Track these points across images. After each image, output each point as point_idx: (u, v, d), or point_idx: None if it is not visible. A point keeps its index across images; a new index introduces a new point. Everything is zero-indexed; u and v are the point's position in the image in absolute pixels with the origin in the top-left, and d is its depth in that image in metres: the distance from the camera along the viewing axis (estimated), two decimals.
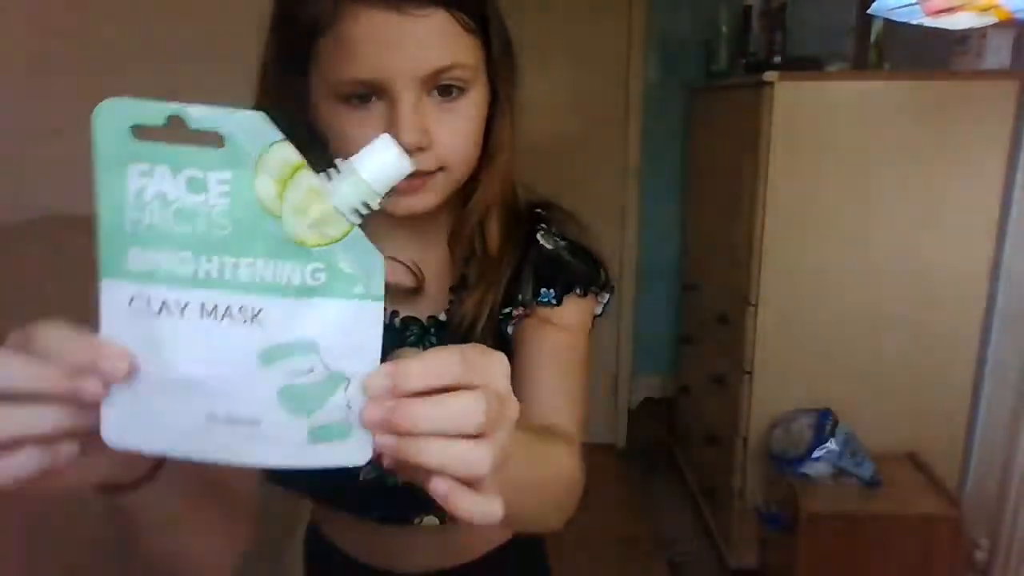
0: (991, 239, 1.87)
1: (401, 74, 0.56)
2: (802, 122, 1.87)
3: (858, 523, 1.73)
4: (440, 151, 0.59)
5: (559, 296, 0.69)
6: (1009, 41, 1.79)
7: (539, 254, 0.70)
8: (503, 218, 0.69)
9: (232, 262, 0.32)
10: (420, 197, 0.61)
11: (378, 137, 0.36)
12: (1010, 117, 1.80)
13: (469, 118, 0.62)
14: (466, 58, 0.59)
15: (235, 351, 0.33)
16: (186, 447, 0.35)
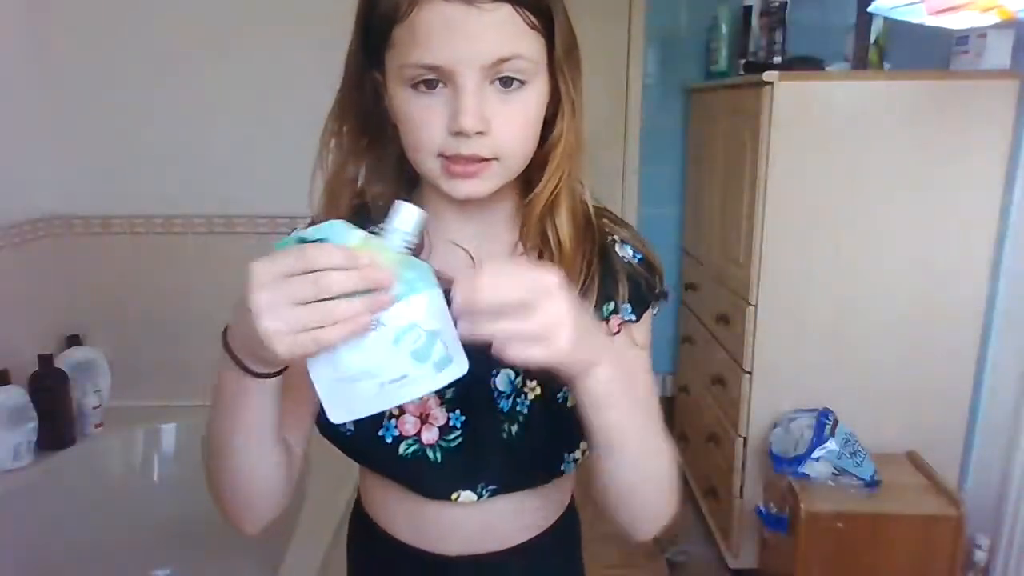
0: (991, 239, 1.87)
1: (465, 61, 0.61)
2: (802, 122, 1.87)
3: (858, 523, 1.73)
4: (497, 139, 0.63)
5: (638, 313, 0.73)
6: (1009, 41, 1.79)
7: (618, 266, 0.72)
8: (574, 216, 0.71)
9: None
10: (475, 183, 0.65)
11: (394, 203, 0.56)
12: (1010, 117, 1.80)
13: (526, 111, 0.65)
14: (527, 52, 0.63)
15: (377, 345, 0.54)
16: (376, 406, 0.57)
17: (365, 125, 0.72)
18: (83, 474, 1.77)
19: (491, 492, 0.73)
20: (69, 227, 1.92)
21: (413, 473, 0.73)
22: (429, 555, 0.78)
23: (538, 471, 0.75)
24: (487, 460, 0.71)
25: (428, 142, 0.64)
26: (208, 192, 1.92)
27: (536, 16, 0.63)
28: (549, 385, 0.72)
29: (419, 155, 0.66)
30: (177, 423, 1.93)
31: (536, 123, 0.67)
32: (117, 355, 1.97)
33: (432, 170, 0.66)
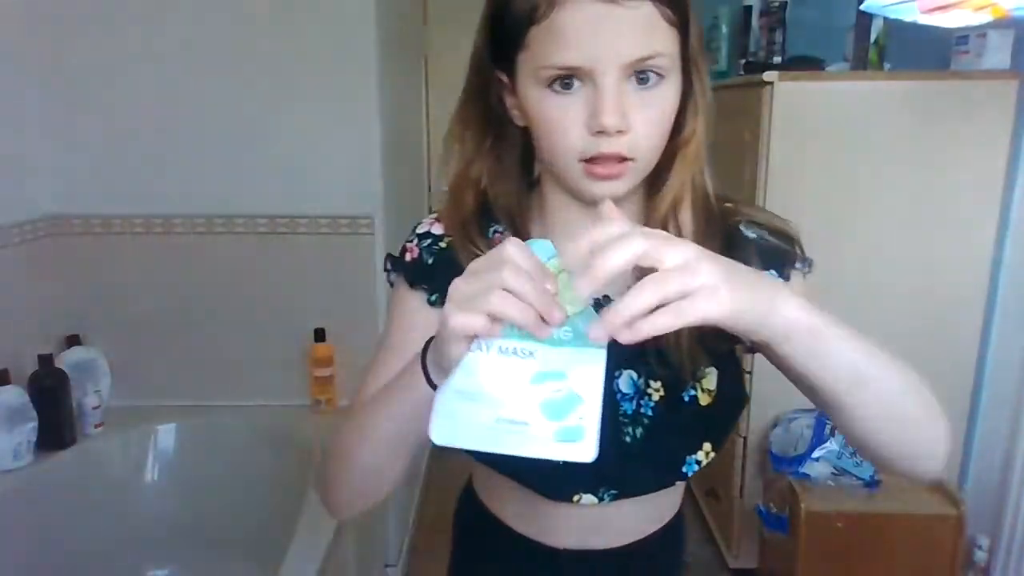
0: (991, 238, 1.87)
1: (607, 60, 0.60)
2: (802, 122, 1.87)
3: (858, 523, 1.73)
4: (635, 137, 0.63)
5: (785, 275, 0.72)
6: (1009, 41, 1.79)
7: (747, 247, 0.71)
8: (698, 210, 0.70)
9: None
10: (615, 184, 0.64)
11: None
12: (1010, 117, 1.80)
13: (663, 107, 0.65)
14: (666, 48, 0.62)
15: (516, 375, 0.51)
16: (480, 442, 0.52)
17: (488, 126, 0.72)
18: (83, 474, 1.77)
19: (612, 496, 0.72)
20: (69, 227, 1.91)
21: (534, 474, 0.72)
22: (537, 544, 0.78)
23: (661, 475, 0.74)
24: (609, 464, 0.68)
25: (568, 145, 0.63)
26: (208, 192, 1.92)
27: (674, 11, 0.62)
28: (673, 385, 0.71)
29: (558, 158, 0.65)
30: (177, 423, 1.93)
31: (670, 120, 0.66)
32: (117, 355, 1.97)
33: (572, 173, 0.65)
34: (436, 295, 0.72)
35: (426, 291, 0.73)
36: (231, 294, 1.97)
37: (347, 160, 1.91)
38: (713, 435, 0.72)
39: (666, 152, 0.68)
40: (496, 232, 0.74)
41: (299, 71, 1.86)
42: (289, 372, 1.99)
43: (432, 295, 0.73)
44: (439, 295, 0.72)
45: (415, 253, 0.75)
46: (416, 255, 0.75)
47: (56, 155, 1.88)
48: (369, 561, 1.90)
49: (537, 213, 0.75)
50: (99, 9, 1.83)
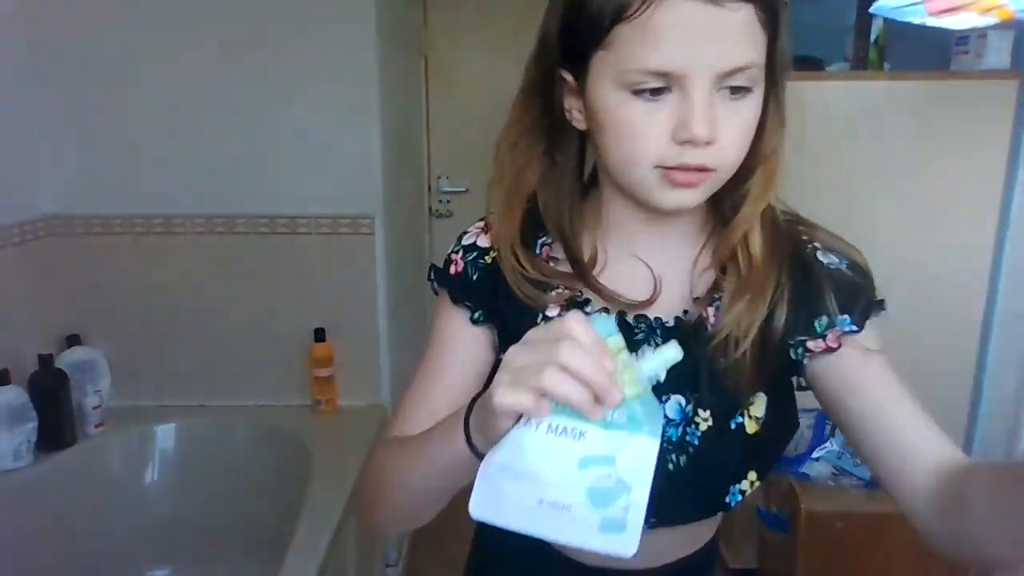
0: (991, 239, 1.87)
1: (704, 68, 0.56)
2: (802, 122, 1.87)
3: (858, 523, 1.73)
4: (721, 149, 0.59)
5: (859, 322, 0.68)
6: (1009, 41, 1.79)
7: (822, 276, 0.68)
8: (767, 232, 0.68)
9: None
10: (692, 193, 0.61)
11: (668, 344, 0.50)
12: (1010, 117, 1.80)
13: (750, 120, 0.61)
14: (760, 58, 0.59)
15: (564, 457, 0.49)
16: (521, 523, 0.51)
17: (546, 129, 0.68)
18: (83, 474, 1.77)
19: (651, 525, 0.66)
20: (69, 227, 1.91)
21: None
22: (566, 560, 0.74)
23: (704, 505, 0.71)
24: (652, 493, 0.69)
25: (648, 151, 0.59)
26: (208, 192, 1.92)
27: (769, 15, 0.58)
28: (722, 414, 0.68)
29: (632, 165, 0.61)
30: (177, 423, 1.93)
31: (753, 132, 0.63)
32: (117, 355, 1.97)
33: (645, 180, 0.61)
34: (480, 312, 0.70)
35: (469, 308, 0.71)
36: (231, 294, 1.97)
37: (347, 160, 1.91)
38: (758, 463, 0.69)
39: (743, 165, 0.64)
40: (544, 245, 0.71)
41: (299, 71, 1.86)
42: (289, 372, 1.99)
43: (475, 313, 0.70)
44: (482, 312, 0.70)
45: (460, 267, 0.72)
46: (460, 269, 0.71)
47: (56, 155, 1.88)
48: (369, 561, 1.90)
49: (590, 222, 0.71)
50: (99, 9, 1.83)
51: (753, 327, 0.65)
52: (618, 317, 0.67)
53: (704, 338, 0.66)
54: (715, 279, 0.68)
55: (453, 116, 3.08)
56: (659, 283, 0.68)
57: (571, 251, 0.68)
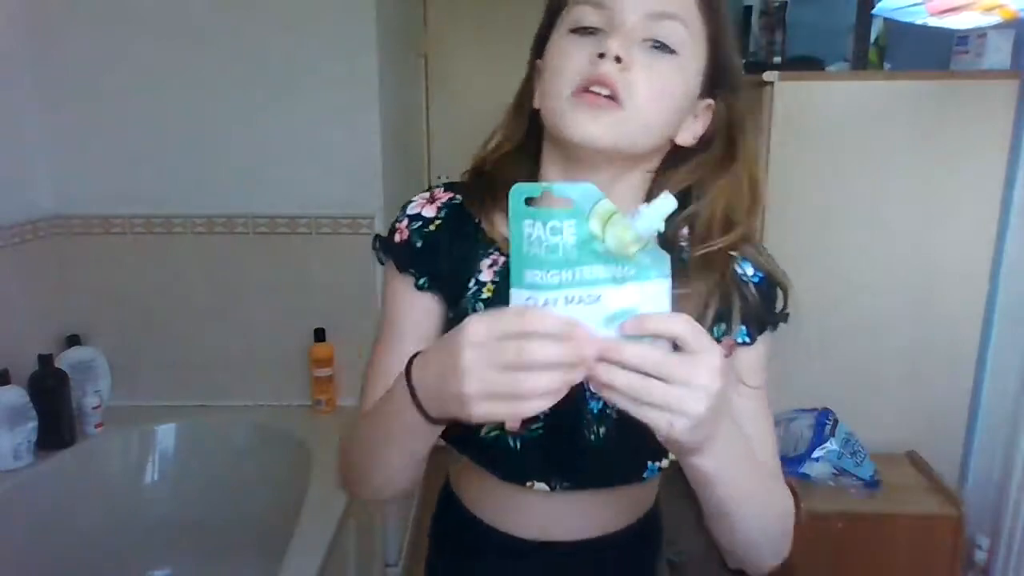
0: (991, 239, 1.87)
1: (631, 3, 0.64)
2: (802, 122, 1.87)
3: (858, 523, 1.73)
4: (631, 81, 0.63)
5: (753, 336, 0.72)
6: (1009, 41, 1.79)
7: (734, 285, 0.70)
8: (736, 234, 0.69)
9: (581, 270, 0.51)
10: (596, 122, 0.64)
11: (662, 195, 0.52)
12: (1010, 117, 1.80)
13: (669, 77, 0.65)
14: (688, 20, 0.65)
15: (588, 320, 0.52)
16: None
17: (525, 117, 0.74)
18: (83, 474, 1.77)
19: (565, 488, 0.73)
20: (69, 227, 1.91)
21: (492, 456, 0.73)
22: (506, 536, 0.79)
23: (618, 475, 0.74)
24: (566, 457, 0.69)
25: (569, 71, 0.64)
26: (208, 192, 1.92)
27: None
28: None
29: (554, 90, 0.66)
30: (177, 423, 1.93)
31: (672, 99, 0.66)
32: (117, 355, 1.97)
33: (559, 108, 0.65)
34: (424, 279, 0.73)
35: (414, 275, 0.73)
36: (231, 294, 1.97)
37: (347, 160, 1.91)
38: None
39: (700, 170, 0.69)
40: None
41: (300, 72, 1.86)
42: (289, 372, 1.99)
43: (420, 279, 0.73)
44: (427, 279, 0.73)
45: (405, 235, 0.74)
46: (406, 237, 0.74)
47: (56, 155, 1.88)
48: (369, 561, 1.90)
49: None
50: (99, 10, 1.83)
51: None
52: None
53: None
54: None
55: (453, 116, 3.08)
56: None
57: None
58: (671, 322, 0.50)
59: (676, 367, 0.50)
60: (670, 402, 0.50)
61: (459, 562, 0.86)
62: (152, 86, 1.87)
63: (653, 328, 0.50)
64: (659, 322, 0.50)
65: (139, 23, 1.84)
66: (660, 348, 0.51)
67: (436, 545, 0.90)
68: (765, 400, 0.74)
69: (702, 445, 0.55)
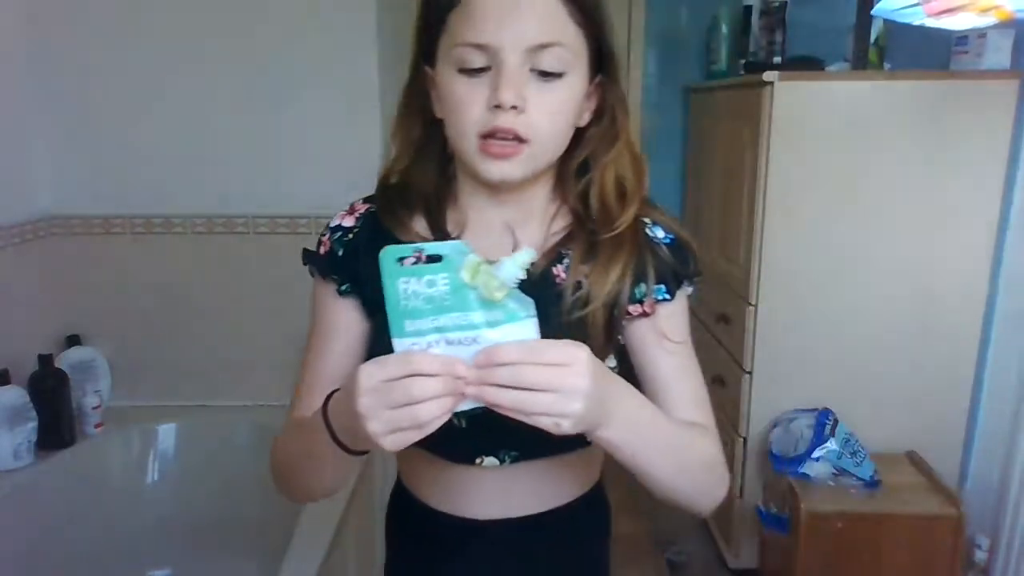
0: (991, 239, 1.87)
1: (511, 41, 0.66)
2: (802, 122, 1.87)
3: (858, 523, 1.73)
4: (531, 120, 0.67)
5: (672, 291, 0.77)
6: (1009, 41, 1.79)
7: (648, 248, 0.76)
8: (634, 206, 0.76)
9: (457, 316, 0.58)
10: (508, 165, 0.69)
11: (522, 250, 0.60)
12: (1010, 117, 1.80)
13: (562, 101, 0.69)
14: (567, 41, 0.68)
15: (468, 359, 0.58)
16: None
17: (418, 118, 0.78)
18: (83, 474, 1.77)
19: (513, 458, 0.77)
20: (69, 227, 1.91)
21: (439, 438, 0.74)
22: (458, 519, 0.82)
23: (560, 441, 0.77)
24: (510, 428, 0.73)
25: (469, 120, 0.68)
26: (208, 192, 1.92)
27: (580, 12, 0.68)
28: None
29: (460, 135, 0.70)
30: (177, 423, 1.93)
31: (568, 115, 0.71)
32: (117, 355, 1.97)
33: (470, 151, 0.69)
34: (346, 285, 0.77)
35: (336, 281, 0.78)
36: (231, 294, 1.97)
37: (347, 160, 1.91)
38: None
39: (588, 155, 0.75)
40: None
41: (300, 71, 1.86)
42: (289, 372, 1.97)
43: (342, 285, 0.78)
44: (349, 285, 0.78)
45: (327, 247, 0.79)
46: (328, 248, 0.79)
47: (56, 155, 1.88)
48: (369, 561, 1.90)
49: (452, 200, 0.79)
50: (100, 10, 1.83)
51: (602, 293, 0.73)
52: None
53: (553, 292, 0.73)
54: (565, 236, 0.77)
55: None
56: (517, 244, 0.76)
57: (435, 220, 0.78)
58: (504, 352, 0.57)
59: (545, 378, 0.56)
60: (549, 408, 0.57)
61: (417, 553, 0.88)
62: (152, 86, 1.86)
63: (497, 359, 0.57)
64: (498, 353, 0.57)
65: (139, 23, 1.84)
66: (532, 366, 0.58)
67: (393, 543, 0.93)
68: (691, 354, 0.79)
69: (597, 426, 0.62)
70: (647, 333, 0.76)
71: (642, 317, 0.76)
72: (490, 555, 0.83)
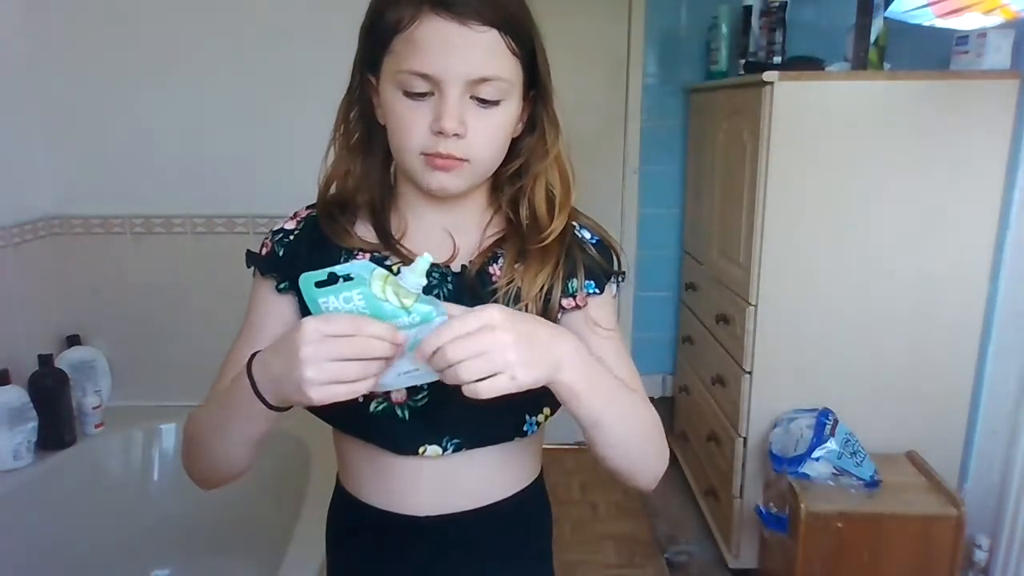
0: (991, 239, 1.87)
1: (452, 75, 0.70)
2: (802, 122, 1.87)
3: (858, 523, 1.73)
4: (471, 144, 0.73)
5: (600, 286, 0.82)
6: (1009, 41, 1.79)
7: (577, 247, 0.82)
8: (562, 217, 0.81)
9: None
10: (449, 177, 0.74)
11: (419, 257, 0.65)
12: (1010, 117, 1.80)
13: (499, 125, 0.75)
14: (506, 74, 0.72)
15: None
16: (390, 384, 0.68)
17: (359, 124, 0.82)
18: (83, 474, 1.77)
19: (455, 446, 0.79)
20: (69, 227, 1.92)
21: (382, 429, 0.79)
22: (399, 516, 0.83)
23: (502, 430, 0.81)
24: (451, 416, 0.78)
25: (413, 141, 0.73)
26: (208, 192, 1.92)
27: (517, 44, 0.72)
28: None
29: (403, 152, 0.75)
30: (177, 423, 1.93)
31: (505, 136, 0.77)
32: (117, 355, 1.97)
33: (414, 165, 0.75)
34: (285, 283, 0.81)
35: (275, 279, 0.82)
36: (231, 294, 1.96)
37: None
38: (551, 399, 0.75)
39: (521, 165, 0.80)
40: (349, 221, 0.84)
41: (300, 71, 1.86)
42: None
43: (281, 283, 0.82)
44: (287, 283, 0.81)
45: (268, 247, 0.84)
46: (269, 249, 0.84)
47: (56, 155, 1.88)
48: None
49: (394, 206, 0.84)
50: (99, 11, 1.83)
51: (532, 295, 0.78)
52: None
53: (488, 289, 0.78)
54: (499, 239, 0.82)
55: None
56: (456, 247, 0.81)
57: (378, 222, 0.82)
58: (434, 339, 0.61)
59: (467, 346, 0.60)
60: (488, 369, 0.61)
61: (361, 555, 0.88)
62: (152, 86, 1.87)
63: (428, 347, 0.61)
64: (429, 342, 0.61)
65: (139, 24, 1.84)
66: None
67: (334, 546, 0.93)
68: (621, 342, 0.84)
69: (553, 368, 0.65)
70: (581, 324, 0.81)
71: (575, 310, 0.81)
72: (434, 553, 0.83)
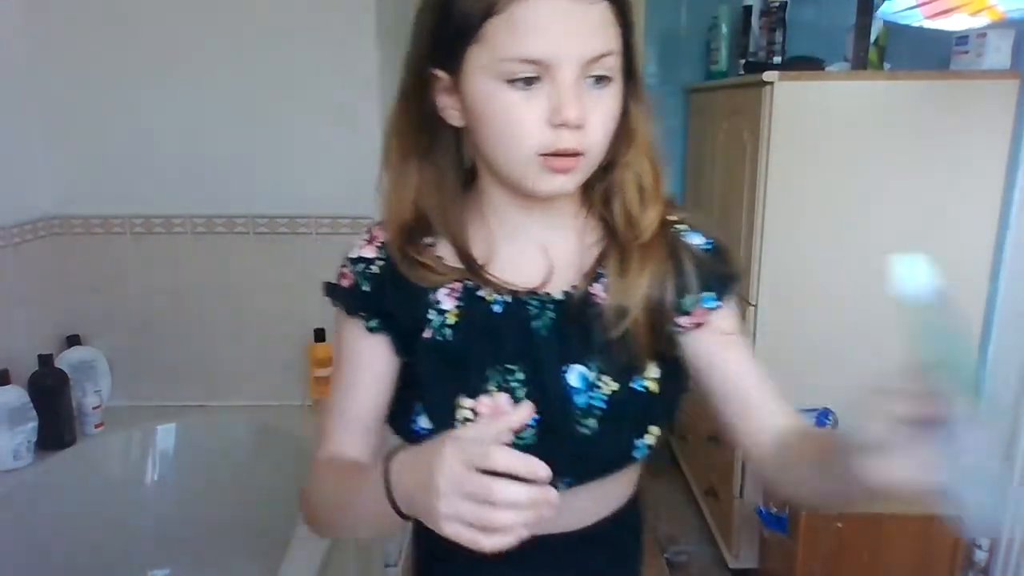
0: (991, 239, 1.87)
1: (568, 56, 0.61)
2: (802, 122, 1.87)
3: (858, 523, 1.73)
4: (586, 135, 0.64)
5: (721, 297, 0.75)
6: (1009, 41, 1.79)
7: (688, 257, 0.73)
8: (656, 208, 0.73)
9: None
10: (567, 178, 0.66)
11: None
12: (1010, 117, 1.80)
13: (613, 106, 0.67)
14: (616, 48, 0.65)
15: None
16: None
17: (423, 131, 0.72)
18: (83, 474, 1.77)
19: (567, 484, 0.73)
20: (69, 227, 1.91)
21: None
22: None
23: (614, 462, 0.76)
24: (562, 456, 0.70)
25: (529, 139, 0.64)
26: (208, 192, 1.92)
27: (623, 12, 0.65)
28: (622, 377, 0.73)
29: (513, 153, 0.65)
30: (177, 423, 1.93)
31: (616, 118, 0.68)
32: (117, 355, 1.97)
33: (525, 169, 0.65)
34: (375, 321, 0.74)
35: (364, 318, 0.74)
36: (231, 294, 1.97)
37: (347, 160, 1.91)
38: (658, 419, 0.75)
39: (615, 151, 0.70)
40: (428, 246, 0.74)
41: (299, 71, 1.86)
42: (289, 372, 1.99)
43: (370, 321, 0.74)
44: (378, 320, 0.74)
45: (350, 280, 0.76)
46: (352, 281, 0.75)
47: (56, 155, 1.88)
48: (369, 561, 1.90)
49: (473, 216, 0.75)
50: (99, 10, 1.83)
51: (636, 301, 0.70)
52: (512, 296, 0.73)
53: (593, 312, 0.72)
54: (600, 253, 0.74)
55: None
56: (552, 263, 0.73)
57: (459, 246, 0.73)
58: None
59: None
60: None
61: (453, 568, 0.83)
62: (152, 86, 1.86)
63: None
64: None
65: (139, 24, 1.84)
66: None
67: (430, 551, 0.90)
68: (747, 346, 0.78)
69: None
70: (708, 343, 0.75)
71: (696, 328, 0.74)
72: (540, 564, 0.79)
